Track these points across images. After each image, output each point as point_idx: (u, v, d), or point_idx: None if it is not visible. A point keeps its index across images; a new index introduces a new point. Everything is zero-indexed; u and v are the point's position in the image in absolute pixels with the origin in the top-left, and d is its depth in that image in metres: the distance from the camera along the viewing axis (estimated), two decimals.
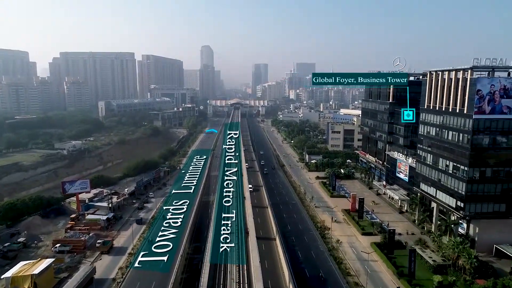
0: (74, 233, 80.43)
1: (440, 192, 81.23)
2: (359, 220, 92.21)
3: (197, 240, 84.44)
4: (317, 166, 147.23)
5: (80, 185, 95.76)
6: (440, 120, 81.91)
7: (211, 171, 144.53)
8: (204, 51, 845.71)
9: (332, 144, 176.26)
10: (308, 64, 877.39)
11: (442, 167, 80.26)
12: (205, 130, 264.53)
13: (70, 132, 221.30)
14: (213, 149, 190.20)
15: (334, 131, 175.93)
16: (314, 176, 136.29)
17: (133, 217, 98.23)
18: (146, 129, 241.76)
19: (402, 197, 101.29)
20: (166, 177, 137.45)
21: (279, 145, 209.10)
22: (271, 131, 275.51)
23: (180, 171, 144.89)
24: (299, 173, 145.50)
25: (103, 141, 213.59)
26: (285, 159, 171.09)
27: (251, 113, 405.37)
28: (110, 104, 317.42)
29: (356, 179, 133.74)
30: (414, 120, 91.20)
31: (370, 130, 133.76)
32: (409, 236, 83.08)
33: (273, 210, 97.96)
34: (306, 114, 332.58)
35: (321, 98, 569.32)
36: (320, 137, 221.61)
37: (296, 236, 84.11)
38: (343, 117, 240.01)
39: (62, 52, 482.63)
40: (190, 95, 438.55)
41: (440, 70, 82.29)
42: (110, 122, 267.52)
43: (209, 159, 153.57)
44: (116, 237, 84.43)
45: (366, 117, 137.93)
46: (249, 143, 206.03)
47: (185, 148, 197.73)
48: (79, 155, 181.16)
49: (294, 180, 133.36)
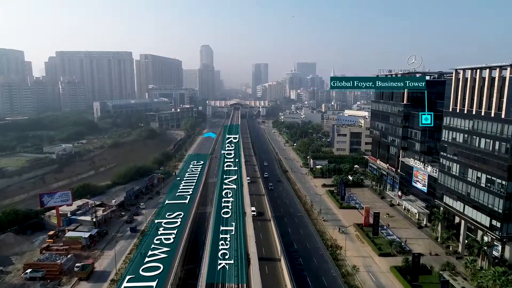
0: (49, 255, 70.02)
1: (470, 208, 70.85)
2: (374, 237, 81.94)
3: (192, 260, 74.63)
4: (323, 172, 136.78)
5: (61, 197, 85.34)
6: (469, 125, 71.50)
7: (209, 178, 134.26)
8: (204, 51, 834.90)
9: (338, 147, 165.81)
10: (309, 64, 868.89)
11: (472, 180, 69.90)
12: (203, 133, 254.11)
13: (61, 135, 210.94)
14: (212, 153, 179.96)
15: (340, 134, 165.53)
16: (320, 184, 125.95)
17: (120, 232, 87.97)
18: (142, 131, 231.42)
19: (420, 210, 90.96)
20: (160, 185, 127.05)
21: (281, 148, 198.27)
22: (272, 133, 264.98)
23: (175, 178, 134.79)
24: (303, 180, 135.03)
25: (96, 144, 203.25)
26: (288, 163, 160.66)
27: (251, 114, 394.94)
28: (105, 105, 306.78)
29: (366, 187, 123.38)
30: (432, 124, 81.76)
31: (381, 134, 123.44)
32: (433, 257, 72.78)
33: (276, 224, 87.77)
34: (308, 115, 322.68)
35: (323, 98, 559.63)
36: (324, 139, 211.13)
37: (304, 257, 73.81)
38: (347, 119, 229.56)
39: (58, 51, 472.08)
40: (189, 95, 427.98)
41: (469, 67, 71.91)
42: (104, 124, 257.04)
43: (207, 165, 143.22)
44: (99, 258, 74.15)
45: (376, 120, 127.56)
46: (249, 145, 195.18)
47: (182, 151, 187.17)
48: (69, 159, 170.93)
49: (298, 188, 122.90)
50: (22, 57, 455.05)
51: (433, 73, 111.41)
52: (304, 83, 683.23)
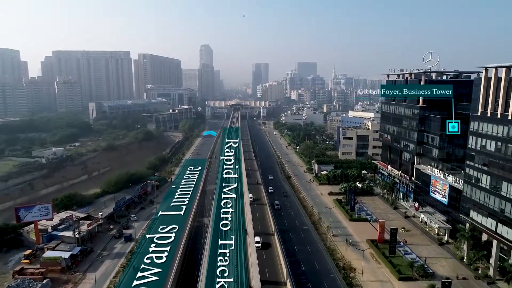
0: (21, 281, 60.87)
1: (504, 226, 61.81)
2: (391, 256, 72.92)
3: (187, 279, 66.05)
4: (329, 178, 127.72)
5: (40, 211, 76.22)
6: (503, 132, 62.44)
7: (207, 185, 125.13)
8: (204, 50, 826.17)
9: (344, 151, 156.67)
10: (310, 63, 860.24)
11: (508, 194, 60.84)
12: (202, 133, 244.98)
13: (53, 137, 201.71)
14: (210, 157, 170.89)
15: (345, 136, 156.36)
16: (327, 192, 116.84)
17: (107, 250, 78.93)
18: (138, 133, 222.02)
19: (441, 225, 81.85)
20: (154, 193, 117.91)
21: (284, 152, 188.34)
22: (273, 135, 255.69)
23: (171, 185, 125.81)
24: (308, 187, 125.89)
25: (90, 146, 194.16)
26: (291, 168, 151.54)
27: (251, 114, 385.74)
28: (101, 106, 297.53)
29: (377, 196, 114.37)
30: (460, 132, 73.20)
31: (393, 138, 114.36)
32: (461, 282, 63.81)
33: (281, 240, 78.84)
34: (310, 116, 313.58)
35: (324, 99, 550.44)
36: (328, 142, 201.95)
37: (313, 282, 64.81)
38: (352, 120, 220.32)
39: (54, 51, 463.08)
40: (188, 95, 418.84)
41: (503, 65, 62.73)
42: (99, 125, 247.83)
43: (205, 171, 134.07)
44: (80, 283, 65.11)
45: (387, 123, 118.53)
46: (250, 148, 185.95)
47: (179, 155, 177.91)
48: (60, 163, 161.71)
49: (303, 197, 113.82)
50: (18, 57, 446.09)
51: (450, 72, 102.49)
52: (305, 83, 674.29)
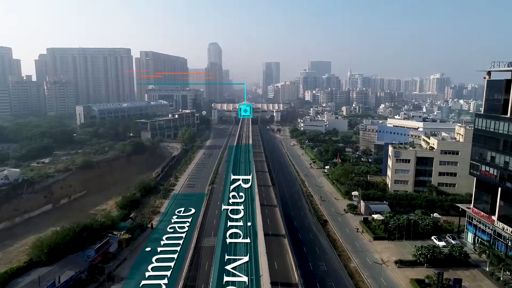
0: None
1: None
2: None
3: None
4: (390, 230, 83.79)
5: None
6: None
7: (203, 237, 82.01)
8: (212, 49, 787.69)
9: (397, 179, 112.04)
10: (323, 62, 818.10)
11: None
12: (206, 143, 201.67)
13: (19, 152, 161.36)
14: (213, 182, 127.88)
15: (399, 158, 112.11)
16: (392, 258, 72.48)
17: None
18: (126, 145, 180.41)
19: None
20: (122, 254, 75.72)
21: (309, 174, 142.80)
22: (291, 146, 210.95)
23: (150, 237, 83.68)
24: (358, 243, 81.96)
25: (62, 163, 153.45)
26: (324, 205, 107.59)
27: (263, 118, 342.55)
28: (90, 109, 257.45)
29: (475, 267, 70.14)
30: None
31: (502, 173, 70.23)
32: None
33: None
34: (332, 122, 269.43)
35: (342, 100, 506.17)
36: (364, 159, 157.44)
37: None
38: (392, 130, 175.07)
39: (49, 48, 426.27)
40: (192, 97, 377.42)
41: None
42: (83, 134, 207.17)
43: (201, 215, 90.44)
44: None
45: (488, 147, 74.40)
46: (264, 166, 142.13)
47: (172, 179, 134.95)
48: (12, 191, 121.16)
49: (358, 272, 69.82)
50: (10, 55, 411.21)
51: None
52: (320, 83, 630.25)
